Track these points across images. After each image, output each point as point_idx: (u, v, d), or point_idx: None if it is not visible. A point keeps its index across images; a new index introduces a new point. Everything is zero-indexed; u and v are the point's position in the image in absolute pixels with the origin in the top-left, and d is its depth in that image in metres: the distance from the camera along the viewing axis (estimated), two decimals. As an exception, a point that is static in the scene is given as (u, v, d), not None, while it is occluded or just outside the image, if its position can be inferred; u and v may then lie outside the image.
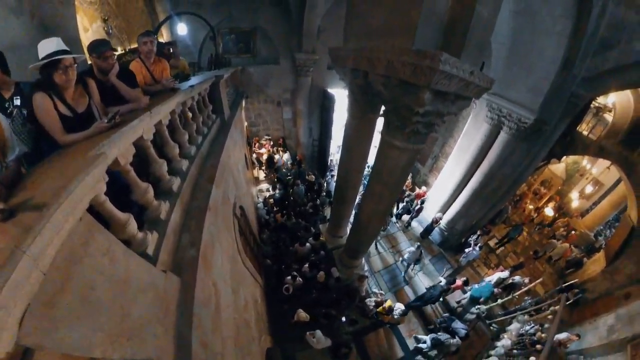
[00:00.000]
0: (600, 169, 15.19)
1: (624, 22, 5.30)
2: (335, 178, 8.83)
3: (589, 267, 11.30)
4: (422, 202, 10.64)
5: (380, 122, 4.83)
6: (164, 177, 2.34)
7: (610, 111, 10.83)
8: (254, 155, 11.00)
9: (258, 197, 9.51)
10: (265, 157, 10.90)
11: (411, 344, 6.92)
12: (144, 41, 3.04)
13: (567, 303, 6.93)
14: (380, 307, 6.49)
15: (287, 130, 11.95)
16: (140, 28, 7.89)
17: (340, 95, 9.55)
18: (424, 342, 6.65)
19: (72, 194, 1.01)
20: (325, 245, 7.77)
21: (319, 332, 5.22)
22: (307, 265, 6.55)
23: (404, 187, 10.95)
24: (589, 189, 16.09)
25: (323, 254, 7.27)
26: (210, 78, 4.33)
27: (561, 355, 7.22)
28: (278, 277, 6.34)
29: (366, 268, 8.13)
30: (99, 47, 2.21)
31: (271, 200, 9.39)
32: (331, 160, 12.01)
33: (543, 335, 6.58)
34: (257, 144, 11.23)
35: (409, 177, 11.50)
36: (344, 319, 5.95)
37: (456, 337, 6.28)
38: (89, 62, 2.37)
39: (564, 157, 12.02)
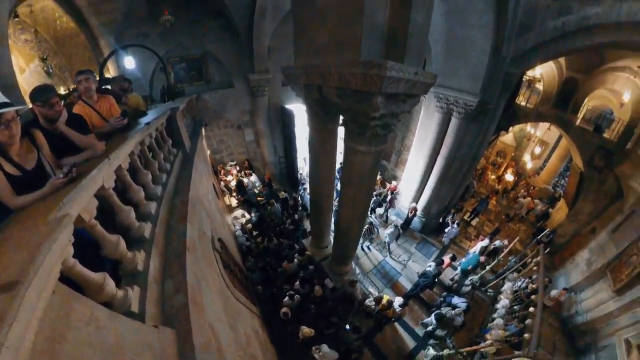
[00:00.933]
0: (543, 131, 17.47)
1: (536, 8, 6.45)
2: (308, 191, 8.93)
3: (555, 215, 13.07)
4: (392, 193, 11.17)
5: (342, 130, 5.00)
6: (133, 224, 2.17)
7: (539, 81, 12.62)
8: (222, 183, 10.65)
9: (235, 225, 9.17)
10: (233, 183, 10.62)
11: (420, 332, 7.13)
12: (79, 80, 2.79)
13: (546, 251, 7.58)
14: (380, 305, 6.55)
15: (252, 152, 11.79)
16: (83, 65, 7.43)
17: (299, 110, 9.65)
18: (430, 322, 6.88)
19: (42, 267, 0.89)
20: (313, 258, 7.68)
21: (324, 347, 5.10)
22: (298, 282, 6.43)
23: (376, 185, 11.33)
24: (537, 150, 18.49)
25: (312, 268, 7.17)
26: (166, 111, 4.16)
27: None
28: (274, 302, 6.14)
29: (357, 271, 8.17)
30: (44, 94, 1.96)
31: (249, 226, 9.11)
32: (301, 174, 12.00)
33: (534, 286, 7.17)
34: (223, 171, 10.92)
35: (379, 175, 11.86)
36: (347, 326, 5.87)
37: (457, 309, 6.60)
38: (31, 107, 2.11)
39: (510, 127, 13.76)
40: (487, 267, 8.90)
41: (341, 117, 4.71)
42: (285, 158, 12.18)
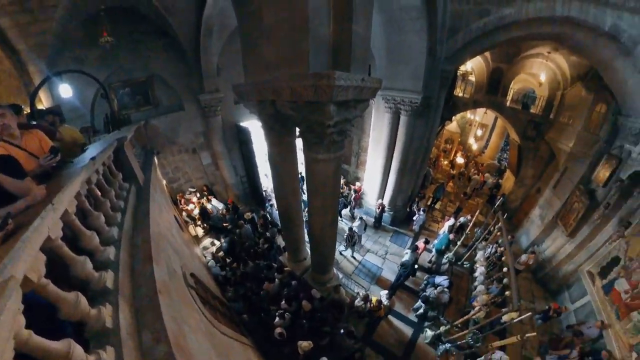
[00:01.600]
0: (481, 116, 20.10)
1: (461, 13, 7.53)
2: (275, 206, 8.77)
3: (505, 184, 15.25)
4: (355, 192, 11.66)
5: (300, 142, 5.05)
6: (91, 276, 1.89)
7: (471, 74, 14.53)
8: (184, 214, 9.91)
9: (205, 256, 8.57)
10: (196, 211, 9.94)
11: (414, 318, 7.41)
12: None
13: (505, 217, 8.51)
14: (371, 305, 6.66)
15: (211, 175, 11.21)
16: (10, 96, 6.45)
17: (255, 126, 9.53)
18: (420, 306, 7.24)
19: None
20: (293, 273, 7.47)
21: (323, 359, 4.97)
22: (283, 301, 6.18)
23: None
24: (479, 132, 21.32)
25: (295, 283, 6.97)
26: (112, 142, 3.78)
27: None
28: (264, 327, 5.80)
29: (340, 275, 8.16)
30: None
31: (220, 253, 8.56)
32: (265, 190, 11.75)
33: (501, 249, 7.92)
34: (183, 200, 10.16)
35: (342, 178, 12.20)
36: (342, 331, 5.80)
37: (439, 287, 6.94)
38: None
39: (453, 117, 15.69)
40: (458, 243, 9.72)
41: (297, 129, 4.77)
42: (247, 177, 11.82)
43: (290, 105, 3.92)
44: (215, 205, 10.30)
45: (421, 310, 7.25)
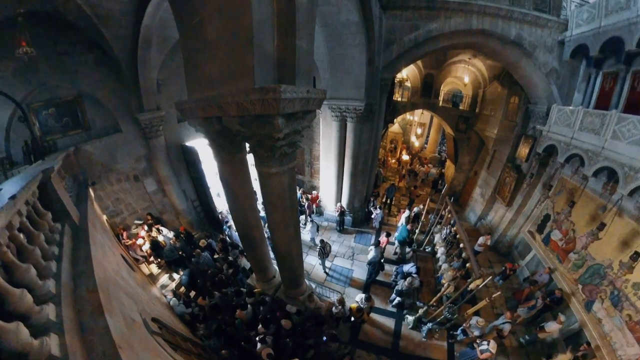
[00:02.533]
0: (419, 116, 22.74)
1: (395, 27, 8.69)
2: (234, 227, 8.37)
3: (447, 172, 17.48)
4: (307, 199, 11.98)
5: (251, 157, 4.97)
6: (28, 346, 1.53)
7: (407, 80, 16.54)
8: (133, 251, 8.59)
9: (166, 296, 7.54)
10: (146, 246, 8.74)
11: (393, 309, 7.80)
12: None
13: (452, 200, 9.64)
14: (351, 311, 6.71)
15: (159, 203, 10.04)
16: None
17: (202, 145, 8.93)
18: (395, 298, 7.73)
19: None
20: (265, 294, 7.17)
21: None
22: (260, 325, 5.85)
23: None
24: (419, 131, 24.08)
25: (269, 304, 6.65)
26: (36, 176, 3.22)
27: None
28: (249, 357, 5.38)
29: (313, 285, 8.11)
30: None
31: (182, 289, 7.70)
32: (221, 212, 11.06)
33: (454, 228, 8.80)
34: (125, 234, 8.73)
35: (299, 189, 12.29)
36: (324, 338, 5.72)
37: (409, 277, 7.50)
38: None
39: (395, 119, 17.53)
40: (417, 231, 10.69)
41: (247, 145, 4.70)
42: (199, 201, 10.99)
43: (238, 121, 3.87)
44: (166, 235, 9.23)
45: (396, 301, 7.67)
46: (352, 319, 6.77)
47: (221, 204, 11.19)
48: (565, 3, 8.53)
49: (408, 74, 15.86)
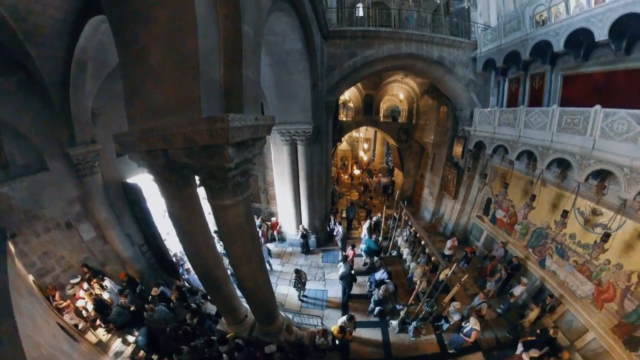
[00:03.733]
0: (364, 132, 24.57)
1: (335, 54, 9.77)
2: (191, 269, 7.75)
3: (397, 180, 19.38)
4: (267, 226, 11.98)
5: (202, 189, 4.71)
6: None
7: (350, 101, 18.11)
8: (70, 318, 6.99)
9: None
10: (89, 306, 7.34)
11: (376, 318, 7.93)
12: None
13: (405, 204, 10.68)
14: (333, 334, 6.49)
15: (99, 254, 8.57)
16: None
17: (146, 180, 7.98)
18: (374, 308, 7.95)
19: None
20: (239, 337, 6.48)
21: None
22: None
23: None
24: (365, 146, 25.92)
25: (245, 348, 6.01)
26: None
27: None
28: None
29: (290, 316, 7.72)
30: None
31: (141, 353, 6.67)
32: (175, 254, 10.03)
33: (412, 229, 9.63)
34: (57, 295, 7.06)
35: (257, 218, 12.00)
36: None
37: (383, 284, 7.88)
38: None
39: (342, 138, 18.94)
40: (380, 239, 11.22)
41: (197, 177, 4.44)
42: (148, 244, 9.74)
43: (185, 153, 3.66)
44: (112, 289, 7.90)
45: (377, 310, 7.83)
46: (337, 342, 6.55)
47: (174, 244, 9.88)
48: (473, 28, 10.86)
49: (350, 95, 17.53)
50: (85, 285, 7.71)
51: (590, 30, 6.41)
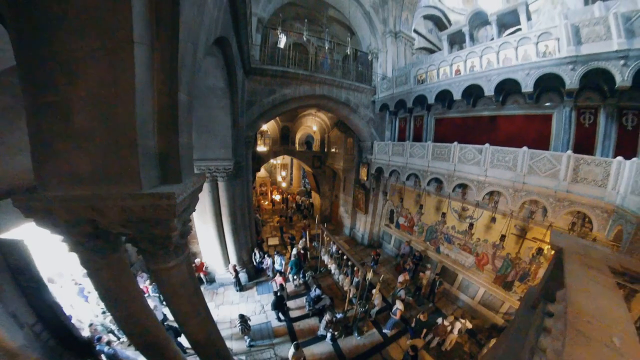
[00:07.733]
0: (281, 160, 25.93)
1: (256, 90, 10.41)
2: (114, 344, 6.88)
3: (315, 200, 21.96)
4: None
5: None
6: None
7: (268, 131, 18.87)
8: None
9: None
10: None
11: (323, 331, 8.34)
12: None
13: (324, 225, 12.54)
14: None
15: None
16: None
17: (34, 232, 6.08)
18: (321, 327, 8.35)
19: None
20: None
21: None
22: None
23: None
24: (283, 173, 27.35)
25: None
26: None
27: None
28: None
29: (243, 358, 7.52)
30: None
31: None
32: (90, 324, 7.66)
33: (335, 246, 11.46)
34: None
35: None
36: None
37: (320, 301, 9.09)
38: None
39: (262, 167, 19.56)
40: (308, 257, 12.61)
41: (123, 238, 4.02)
42: (43, 323, 6.79)
43: (121, 223, 3.37)
44: None
45: (323, 329, 8.29)
46: None
47: (84, 310, 8.02)
48: (374, 76, 13.50)
49: (268, 127, 18.60)
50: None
51: (450, 91, 9.62)
